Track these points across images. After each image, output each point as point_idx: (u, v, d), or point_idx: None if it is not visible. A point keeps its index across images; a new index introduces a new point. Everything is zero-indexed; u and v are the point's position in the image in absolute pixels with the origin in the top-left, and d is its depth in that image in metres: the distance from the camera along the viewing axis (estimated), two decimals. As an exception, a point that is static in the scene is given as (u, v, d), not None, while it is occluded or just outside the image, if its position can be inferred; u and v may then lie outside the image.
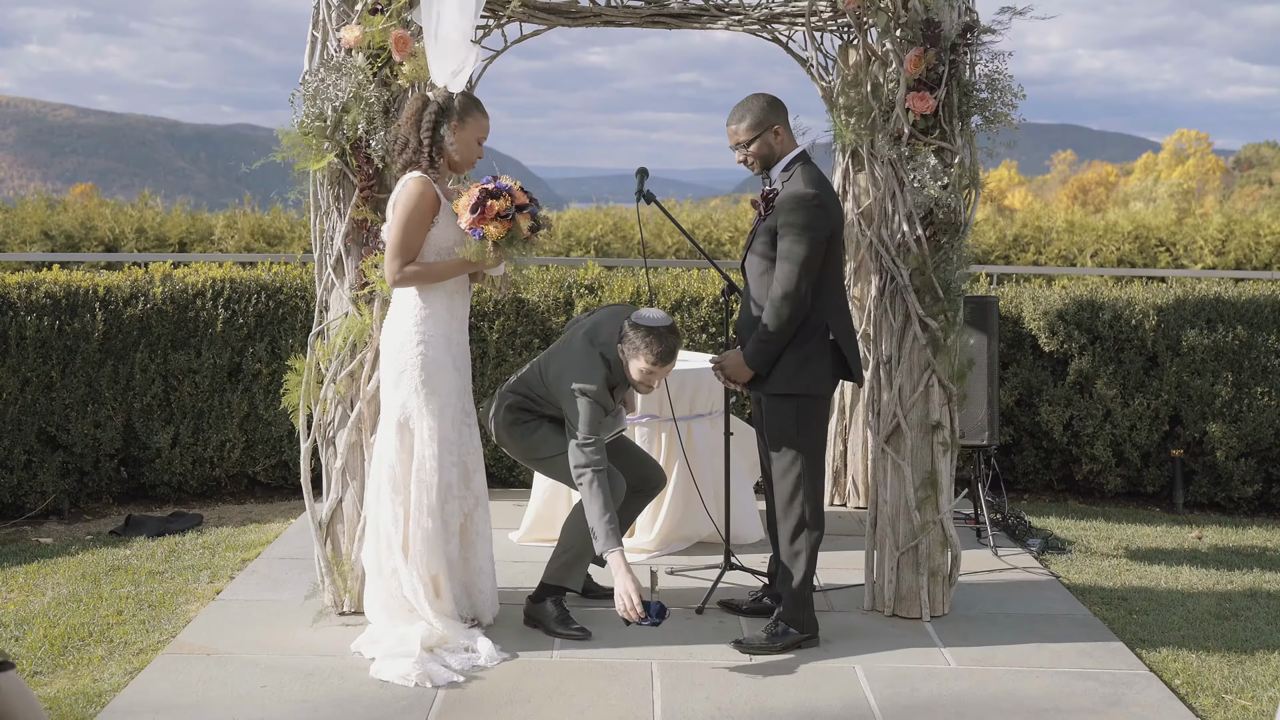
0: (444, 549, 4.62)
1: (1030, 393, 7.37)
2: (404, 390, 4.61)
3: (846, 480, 6.91)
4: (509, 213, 4.47)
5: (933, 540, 4.96)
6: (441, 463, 4.60)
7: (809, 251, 4.48)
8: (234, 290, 7.06)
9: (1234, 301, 7.34)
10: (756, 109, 4.65)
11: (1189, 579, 5.82)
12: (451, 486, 4.64)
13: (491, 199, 4.45)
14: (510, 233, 4.49)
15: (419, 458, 4.60)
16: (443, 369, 4.62)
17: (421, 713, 4.05)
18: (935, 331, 4.87)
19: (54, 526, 6.63)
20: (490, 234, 4.46)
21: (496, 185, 4.49)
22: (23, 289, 6.71)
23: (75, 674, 4.42)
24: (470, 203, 4.47)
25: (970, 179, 4.94)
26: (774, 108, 4.66)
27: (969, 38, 4.80)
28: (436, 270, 4.56)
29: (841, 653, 4.64)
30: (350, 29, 4.75)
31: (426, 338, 4.60)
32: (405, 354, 4.60)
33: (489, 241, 4.48)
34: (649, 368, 4.65)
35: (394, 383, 4.64)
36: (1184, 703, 4.28)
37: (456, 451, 4.66)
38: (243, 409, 7.02)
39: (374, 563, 4.67)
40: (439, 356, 4.61)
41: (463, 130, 4.62)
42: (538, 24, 6.72)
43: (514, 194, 4.51)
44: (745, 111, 4.66)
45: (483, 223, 4.46)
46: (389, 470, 4.63)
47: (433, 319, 4.61)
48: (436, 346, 4.61)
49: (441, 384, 4.62)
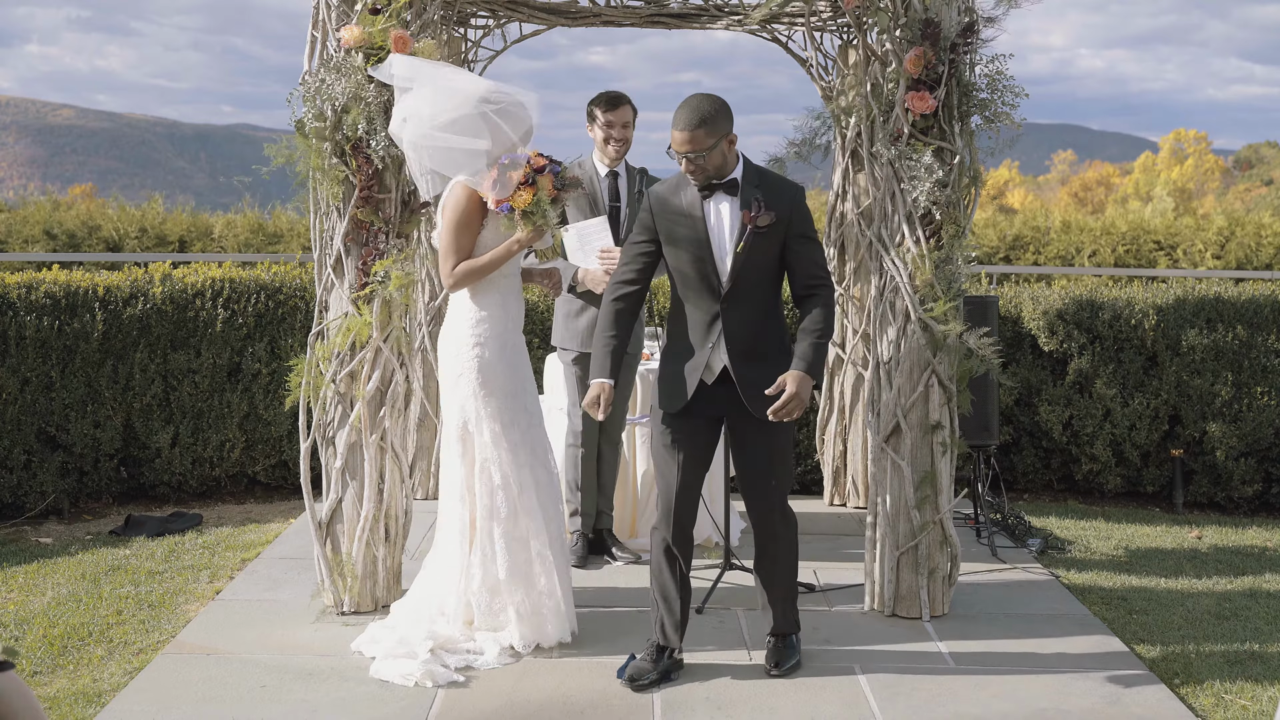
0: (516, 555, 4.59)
1: (1030, 392, 7.37)
2: (462, 393, 4.62)
3: (846, 480, 6.91)
4: (530, 178, 4.45)
5: (932, 540, 4.96)
6: (505, 463, 4.59)
7: (821, 249, 4.42)
8: (234, 290, 7.06)
9: (1234, 301, 7.34)
10: (710, 117, 4.11)
11: (1189, 579, 5.82)
12: (524, 488, 4.61)
13: (509, 170, 4.45)
14: (536, 197, 4.46)
15: (480, 461, 4.59)
16: (498, 371, 4.62)
17: (421, 713, 4.05)
18: (935, 332, 4.87)
19: (54, 526, 6.63)
20: (517, 204, 4.44)
21: (512, 158, 4.48)
22: (23, 289, 6.71)
23: (75, 674, 4.42)
24: (489, 182, 4.47)
25: (970, 178, 4.94)
26: (725, 113, 4.16)
27: (968, 37, 4.80)
28: (485, 262, 4.56)
29: (841, 653, 4.63)
30: (350, 29, 4.75)
31: (482, 340, 4.60)
32: (462, 357, 4.61)
33: (518, 212, 4.46)
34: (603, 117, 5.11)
35: (452, 386, 4.65)
36: (1184, 703, 4.28)
37: (525, 452, 4.64)
38: (242, 409, 7.02)
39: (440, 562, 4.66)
40: (494, 359, 4.61)
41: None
42: (538, 24, 6.72)
43: (531, 160, 4.49)
44: (697, 119, 4.10)
45: (508, 196, 4.45)
46: (451, 474, 4.63)
47: (488, 321, 4.62)
48: (492, 349, 4.61)
49: (499, 386, 4.61)
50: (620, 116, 5.57)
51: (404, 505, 5.05)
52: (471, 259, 4.58)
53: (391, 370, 4.93)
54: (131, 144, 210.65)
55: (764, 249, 4.25)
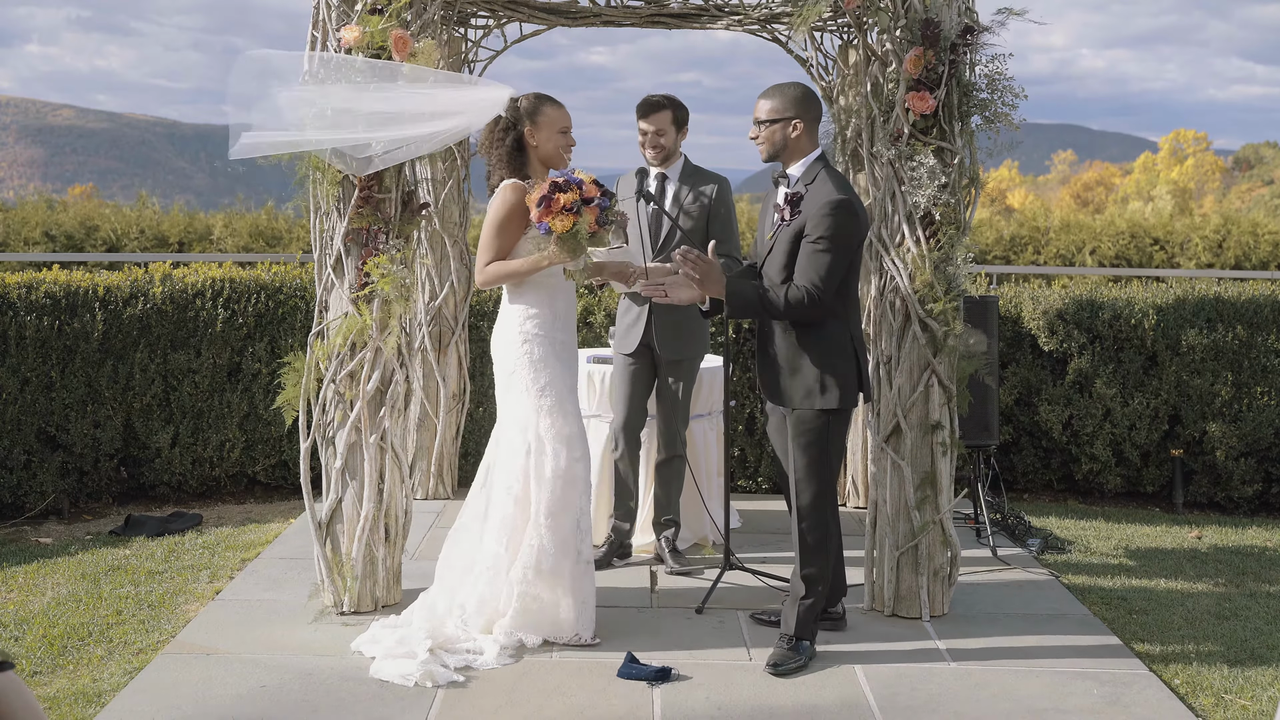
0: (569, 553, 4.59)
1: (1030, 392, 7.36)
2: (516, 391, 4.64)
3: (846, 480, 6.91)
4: (575, 206, 4.42)
5: (932, 540, 4.96)
6: (560, 459, 4.59)
7: (836, 259, 4.34)
8: (233, 290, 7.06)
9: (1234, 301, 7.34)
10: (786, 96, 4.50)
11: (1189, 579, 5.82)
12: (577, 482, 4.63)
13: (559, 192, 4.42)
14: (575, 227, 4.43)
15: (535, 458, 4.59)
16: (551, 367, 4.63)
17: (421, 713, 4.05)
18: (935, 332, 4.87)
19: (54, 526, 6.63)
20: (556, 228, 4.42)
21: (568, 179, 4.46)
22: (23, 289, 6.71)
23: (75, 674, 4.41)
24: (539, 196, 4.45)
25: (970, 179, 4.94)
26: (804, 103, 4.50)
27: (968, 38, 4.80)
28: (514, 267, 4.58)
29: (841, 653, 4.63)
30: (350, 29, 4.75)
31: (531, 336, 4.63)
32: (513, 354, 4.64)
33: (554, 236, 4.44)
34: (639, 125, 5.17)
35: (505, 385, 4.67)
36: (1184, 703, 4.28)
37: (580, 446, 4.66)
38: (242, 409, 7.02)
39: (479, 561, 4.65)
40: (546, 355, 4.63)
41: (539, 130, 4.66)
42: (538, 24, 6.72)
43: (584, 187, 4.46)
44: (776, 94, 4.53)
45: (549, 216, 4.42)
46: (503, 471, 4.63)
47: (537, 319, 4.64)
48: (542, 345, 4.63)
49: (551, 382, 4.63)
50: (654, 124, 5.51)
51: (404, 505, 5.05)
52: (505, 261, 4.60)
53: (391, 370, 4.93)
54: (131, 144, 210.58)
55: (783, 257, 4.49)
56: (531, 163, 4.70)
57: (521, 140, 4.67)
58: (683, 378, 5.57)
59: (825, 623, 4.80)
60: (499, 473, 4.68)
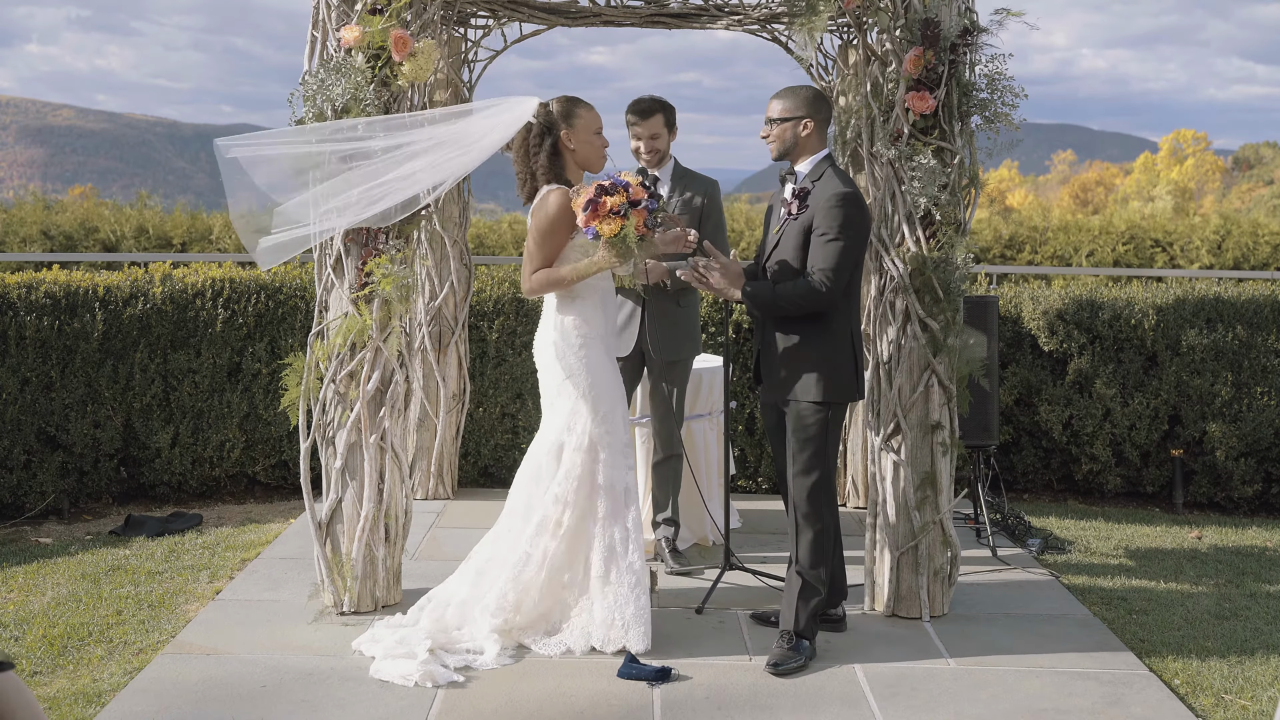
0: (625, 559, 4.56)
1: (1030, 392, 7.37)
2: (567, 398, 4.60)
3: (846, 480, 6.90)
4: (622, 209, 4.37)
5: (932, 540, 4.96)
6: (609, 466, 4.57)
7: (847, 249, 4.41)
8: (234, 290, 7.06)
9: (1234, 301, 7.34)
10: (798, 97, 4.61)
11: (1189, 579, 5.82)
12: (628, 490, 4.61)
13: (606, 195, 4.37)
14: (623, 230, 4.37)
15: (587, 466, 4.56)
16: (604, 371, 4.61)
17: (421, 713, 4.05)
18: (935, 332, 4.87)
19: (54, 526, 6.63)
20: (604, 232, 4.36)
21: (614, 181, 4.41)
22: (22, 289, 6.71)
23: (75, 674, 4.41)
24: (584, 200, 4.40)
25: (970, 179, 4.94)
26: (814, 103, 4.60)
27: (968, 38, 4.80)
28: (563, 274, 4.53)
29: (841, 653, 4.63)
30: (350, 29, 4.75)
31: (587, 340, 4.59)
32: (568, 360, 4.59)
33: (602, 240, 4.39)
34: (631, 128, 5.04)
35: (557, 391, 4.63)
36: (1184, 703, 4.28)
37: (630, 455, 4.64)
38: (242, 409, 7.02)
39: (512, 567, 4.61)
40: (598, 362, 4.60)
41: (575, 133, 4.62)
42: (538, 24, 6.72)
43: (630, 189, 4.40)
44: (789, 94, 4.63)
45: (595, 219, 4.36)
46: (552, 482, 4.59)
47: (589, 324, 4.61)
48: (595, 352, 4.60)
49: (606, 387, 4.61)
50: (649, 128, 5.46)
51: (404, 505, 5.05)
52: (552, 268, 4.55)
53: (391, 370, 4.93)
54: (131, 144, 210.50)
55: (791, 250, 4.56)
56: (569, 167, 4.65)
57: (557, 145, 4.61)
58: (677, 379, 5.57)
59: (825, 624, 4.80)
60: (545, 479, 4.63)
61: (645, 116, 5.48)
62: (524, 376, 7.22)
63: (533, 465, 4.71)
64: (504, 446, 7.31)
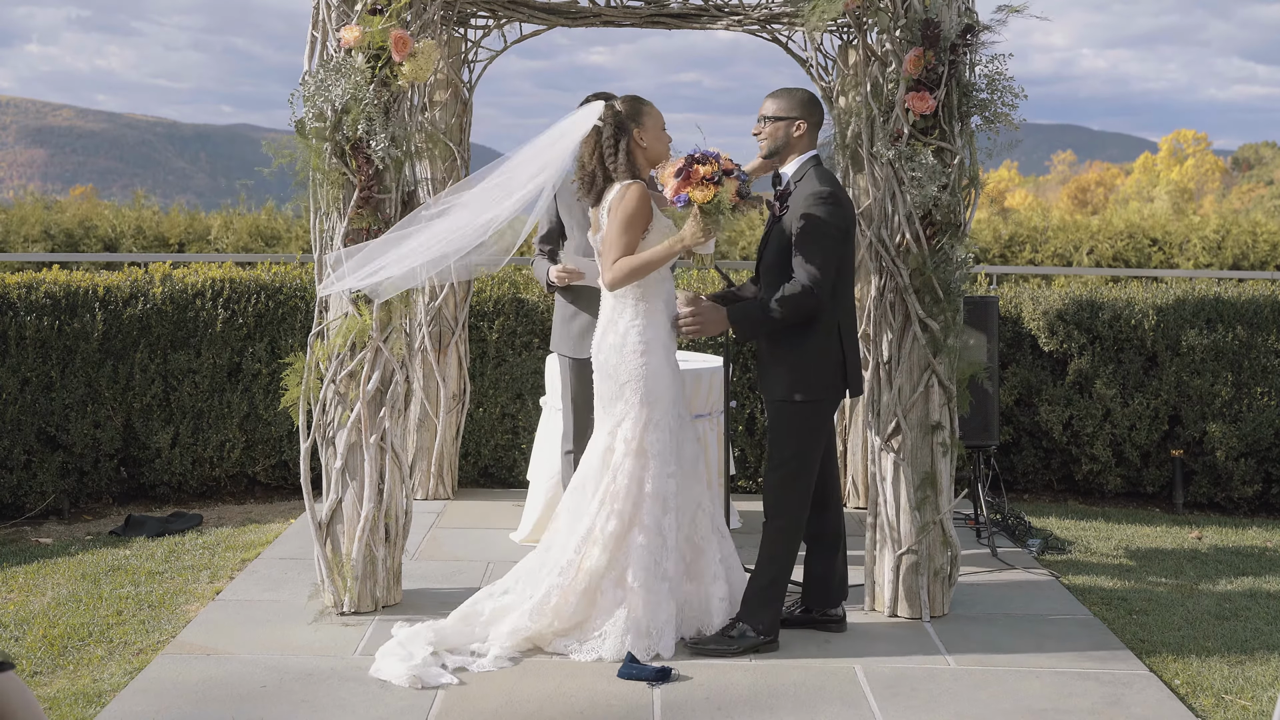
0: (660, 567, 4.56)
1: (1030, 392, 7.37)
2: (628, 400, 4.58)
3: (846, 480, 6.90)
4: (716, 177, 4.32)
5: (933, 540, 4.96)
6: (661, 475, 4.56)
7: (826, 247, 4.46)
8: (233, 290, 7.06)
9: (1234, 301, 7.34)
10: (794, 99, 4.68)
11: (1189, 579, 5.82)
12: (668, 499, 4.59)
13: (697, 164, 4.33)
14: (716, 198, 4.31)
15: (633, 473, 4.55)
16: (663, 377, 4.60)
17: (421, 713, 4.05)
18: (935, 332, 4.87)
19: (54, 526, 6.63)
20: (696, 199, 4.31)
21: (704, 153, 4.38)
22: (23, 289, 6.71)
23: (75, 674, 4.41)
24: (675, 169, 4.36)
25: (970, 179, 4.95)
26: (808, 106, 4.68)
27: (968, 38, 4.80)
28: (645, 259, 4.51)
29: (841, 653, 4.64)
30: (350, 29, 4.75)
31: (648, 345, 4.58)
32: (628, 365, 4.58)
33: (695, 206, 4.34)
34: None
35: (615, 395, 4.61)
36: (1184, 703, 4.28)
37: (675, 462, 4.62)
38: (243, 409, 7.02)
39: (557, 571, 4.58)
40: (660, 365, 4.59)
41: (645, 130, 4.64)
42: (538, 24, 6.72)
43: (720, 160, 4.37)
44: (784, 95, 4.71)
45: (688, 186, 4.31)
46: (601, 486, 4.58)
47: (652, 327, 4.60)
48: (657, 355, 4.59)
49: (664, 393, 4.60)
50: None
51: (404, 505, 5.05)
52: (633, 254, 4.54)
53: (391, 370, 4.93)
54: (131, 144, 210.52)
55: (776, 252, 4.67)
56: (640, 165, 4.67)
57: (630, 144, 4.62)
58: None
59: (828, 624, 4.81)
60: (593, 486, 4.61)
61: None
62: (524, 376, 7.22)
63: (583, 471, 4.72)
64: (504, 446, 7.30)
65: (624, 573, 4.55)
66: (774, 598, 4.61)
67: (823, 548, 4.81)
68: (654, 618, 4.53)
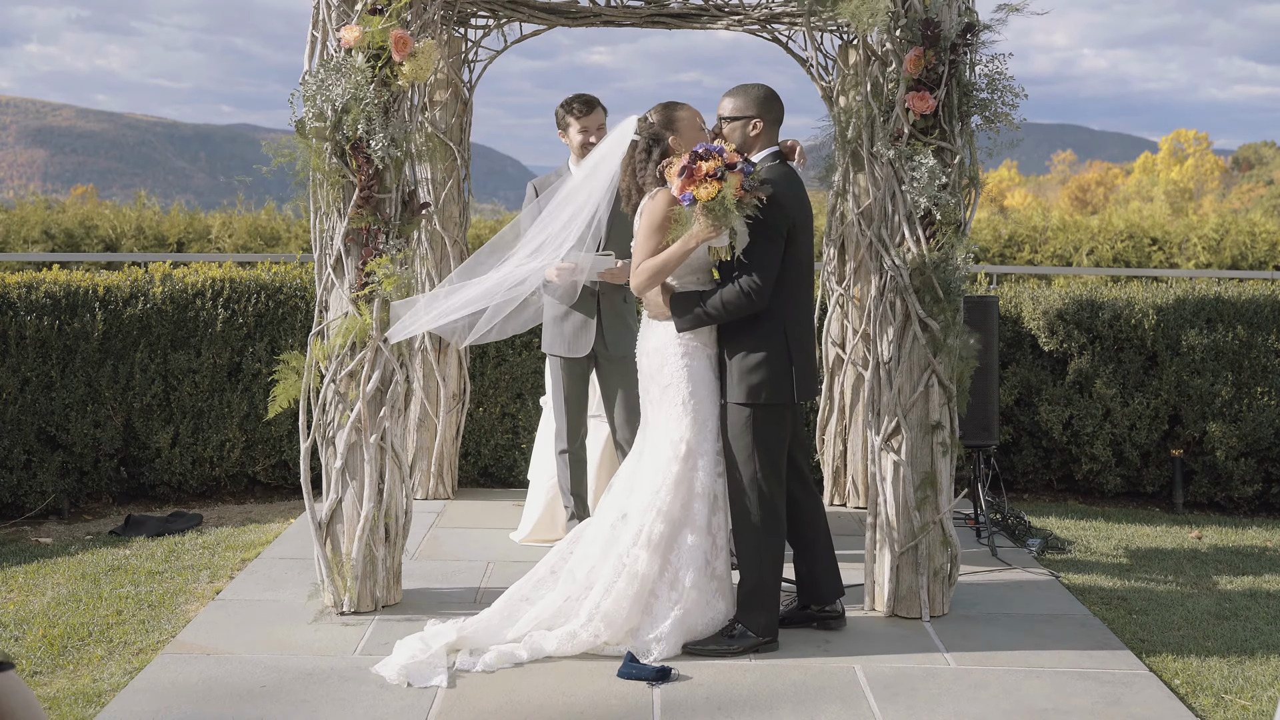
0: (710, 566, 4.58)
1: (1030, 392, 7.37)
2: (669, 406, 4.58)
3: (846, 480, 6.91)
4: (719, 172, 4.34)
5: (932, 540, 4.96)
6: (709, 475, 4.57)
7: (763, 245, 4.45)
8: (234, 290, 7.06)
9: (1234, 301, 7.34)
10: (747, 97, 4.68)
11: (1189, 579, 5.82)
12: (717, 499, 4.60)
13: (700, 160, 4.35)
14: (720, 193, 4.33)
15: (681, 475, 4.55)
16: (705, 381, 4.60)
17: (421, 713, 4.05)
18: (935, 332, 4.87)
19: (54, 526, 6.63)
20: (700, 196, 4.33)
21: (707, 148, 4.40)
22: (23, 289, 6.71)
23: (75, 674, 4.41)
24: (679, 167, 4.39)
25: (970, 179, 4.95)
26: (764, 103, 4.67)
27: (968, 37, 4.80)
28: (663, 259, 4.51)
29: (841, 653, 4.64)
30: (350, 29, 4.75)
31: (690, 350, 4.59)
32: (669, 369, 4.58)
33: (699, 205, 4.36)
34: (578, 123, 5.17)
35: (659, 398, 4.62)
36: (1184, 703, 4.28)
37: (722, 463, 4.63)
38: (243, 409, 7.02)
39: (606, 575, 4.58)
40: (702, 370, 4.59)
41: (682, 136, 4.64)
42: (538, 24, 6.72)
43: (724, 155, 4.39)
44: (740, 93, 4.71)
45: (692, 184, 4.34)
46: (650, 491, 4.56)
47: (694, 333, 4.59)
48: (699, 358, 4.59)
49: (706, 395, 4.59)
50: (595, 120, 5.60)
51: (404, 505, 5.05)
52: (654, 255, 4.55)
53: (391, 370, 4.93)
54: (131, 144, 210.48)
55: None
56: None
57: (666, 153, 4.61)
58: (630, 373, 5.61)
59: (827, 620, 4.82)
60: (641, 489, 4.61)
61: (589, 111, 5.61)
62: (524, 376, 7.23)
63: (626, 474, 4.73)
64: (504, 446, 7.31)
65: (679, 575, 4.55)
66: (762, 601, 4.60)
67: (801, 545, 4.83)
68: (705, 616, 4.57)
